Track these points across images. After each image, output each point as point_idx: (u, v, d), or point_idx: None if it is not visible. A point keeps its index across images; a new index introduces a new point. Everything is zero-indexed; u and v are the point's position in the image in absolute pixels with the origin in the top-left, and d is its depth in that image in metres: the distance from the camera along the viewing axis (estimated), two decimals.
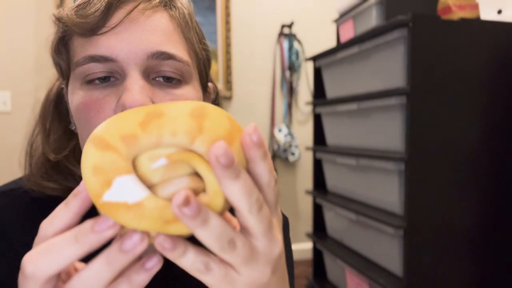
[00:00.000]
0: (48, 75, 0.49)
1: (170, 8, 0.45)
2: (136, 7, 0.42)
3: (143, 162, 0.26)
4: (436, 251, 1.30)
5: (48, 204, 0.49)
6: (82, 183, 0.27)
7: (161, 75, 0.43)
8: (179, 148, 0.26)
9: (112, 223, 0.25)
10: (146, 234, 0.26)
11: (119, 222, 0.25)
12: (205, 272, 0.27)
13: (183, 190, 0.25)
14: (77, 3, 0.44)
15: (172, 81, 0.43)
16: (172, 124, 0.26)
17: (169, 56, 0.42)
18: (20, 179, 0.51)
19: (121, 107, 0.40)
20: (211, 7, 2.49)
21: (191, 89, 0.45)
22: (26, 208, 0.49)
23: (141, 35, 0.42)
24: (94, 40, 0.42)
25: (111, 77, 0.42)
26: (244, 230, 0.28)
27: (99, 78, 0.42)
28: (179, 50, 0.44)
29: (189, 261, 0.27)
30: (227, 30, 2.51)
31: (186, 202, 0.24)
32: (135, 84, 0.40)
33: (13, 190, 0.50)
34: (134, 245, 0.25)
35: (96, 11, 0.41)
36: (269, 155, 0.29)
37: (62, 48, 0.45)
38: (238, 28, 2.57)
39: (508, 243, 1.38)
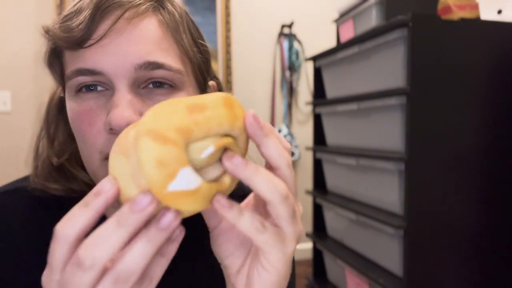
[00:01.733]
0: (48, 76, 0.49)
1: (159, 11, 0.44)
2: (121, 16, 0.41)
3: (193, 151, 0.29)
4: (436, 251, 1.30)
5: (52, 203, 0.50)
6: (104, 182, 0.29)
7: (152, 81, 0.42)
8: (219, 135, 0.30)
9: (149, 199, 0.27)
10: (178, 211, 0.29)
11: (179, 208, 0.28)
12: (262, 230, 0.30)
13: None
14: (64, 13, 0.43)
15: (163, 86, 0.42)
16: (216, 117, 0.29)
17: (158, 66, 0.41)
18: (25, 178, 0.52)
19: (108, 125, 0.40)
20: (211, 7, 2.49)
21: (185, 96, 0.44)
22: (31, 207, 0.49)
23: (127, 46, 0.40)
24: (81, 53, 0.41)
25: (99, 86, 0.42)
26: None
27: (86, 86, 0.42)
28: (169, 57, 0.42)
29: (247, 220, 0.30)
30: (227, 30, 2.51)
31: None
32: (122, 99, 0.40)
33: (18, 189, 0.50)
34: (170, 222, 0.28)
35: (80, 23, 0.40)
36: (276, 134, 0.32)
37: (55, 60, 0.45)
38: (238, 28, 2.57)
39: (508, 243, 1.38)
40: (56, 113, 0.51)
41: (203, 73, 0.49)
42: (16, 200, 0.49)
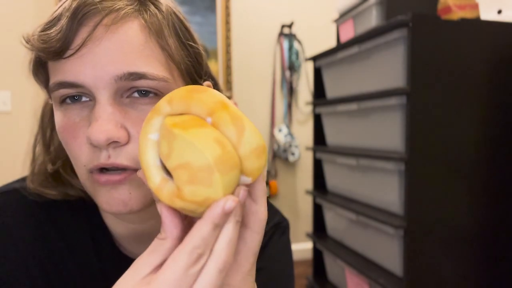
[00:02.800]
0: None
1: (141, 14, 0.41)
2: (99, 23, 0.38)
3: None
4: (436, 251, 1.30)
5: (49, 205, 0.50)
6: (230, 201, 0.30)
7: (136, 90, 0.40)
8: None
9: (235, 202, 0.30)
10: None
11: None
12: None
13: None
14: (44, 21, 0.41)
15: (148, 95, 0.40)
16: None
17: (139, 76, 0.39)
18: (21, 180, 0.51)
19: (88, 138, 0.39)
20: (211, 7, 2.49)
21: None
22: (30, 210, 0.49)
23: (105, 56, 0.38)
24: (62, 65, 0.39)
25: (83, 96, 0.41)
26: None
27: (70, 97, 0.41)
28: (152, 65, 0.40)
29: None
30: (227, 30, 2.51)
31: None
32: (102, 112, 0.38)
33: (16, 190, 0.50)
34: (235, 205, 0.30)
35: (58, 33, 0.38)
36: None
37: (39, 69, 0.43)
38: (238, 28, 2.57)
39: (508, 243, 1.38)
40: (51, 119, 0.51)
41: (193, 77, 0.46)
42: (13, 201, 0.49)
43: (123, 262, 0.51)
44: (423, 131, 1.27)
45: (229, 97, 2.53)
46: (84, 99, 0.41)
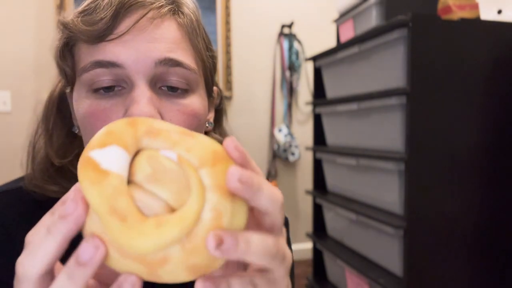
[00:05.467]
0: (48, 75, 0.49)
1: (178, 15, 0.45)
2: (145, 15, 0.42)
3: None
4: (436, 251, 1.30)
5: (50, 203, 0.49)
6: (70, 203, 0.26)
7: (167, 85, 0.43)
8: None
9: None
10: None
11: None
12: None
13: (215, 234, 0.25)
14: (82, 8, 0.44)
15: (177, 91, 0.43)
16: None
17: (176, 63, 0.42)
18: (21, 178, 0.51)
19: None
20: (211, 7, 2.49)
21: (197, 98, 0.45)
22: (28, 209, 0.49)
23: (149, 43, 0.41)
24: (101, 47, 0.41)
25: (116, 86, 0.42)
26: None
27: (104, 88, 0.42)
28: (186, 57, 0.43)
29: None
30: (227, 30, 2.51)
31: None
32: (142, 96, 0.40)
33: (15, 190, 0.50)
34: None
35: (103, 17, 0.41)
36: (264, 184, 0.27)
37: (67, 54, 0.45)
38: (238, 28, 2.57)
39: (508, 243, 1.38)
40: (56, 111, 0.51)
41: (212, 78, 0.50)
42: (13, 200, 0.49)
43: None
44: (423, 131, 1.27)
45: (229, 97, 2.54)
46: (116, 89, 0.42)
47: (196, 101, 0.45)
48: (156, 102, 0.41)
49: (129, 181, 0.26)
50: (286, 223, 0.59)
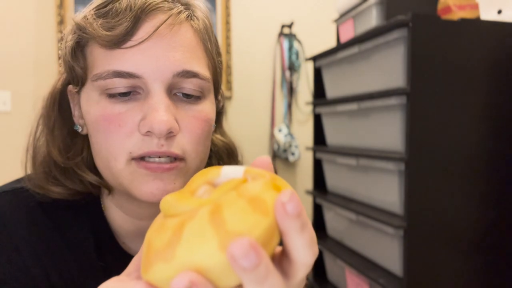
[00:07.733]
0: (48, 75, 0.48)
1: (193, 19, 0.45)
2: (165, 21, 0.41)
3: None
4: (436, 251, 1.30)
5: (50, 205, 0.49)
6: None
7: (182, 92, 0.43)
8: None
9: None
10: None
11: None
12: None
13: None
14: (96, 6, 0.43)
15: (190, 98, 0.44)
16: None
17: (193, 75, 0.43)
18: (22, 179, 0.51)
19: (148, 127, 0.40)
20: (211, 7, 2.49)
21: (209, 103, 0.47)
22: (30, 209, 0.48)
23: (168, 51, 0.41)
24: (119, 54, 0.41)
25: (131, 92, 0.42)
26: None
27: (120, 94, 0.42)
28: (201, 67, 0.44)
29: None
30: (227, 30, 2.51)
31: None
32: (161, 103, 0.41)
33: (16, 190, 0.49)
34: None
35: (123, 23, 0.40)
36: (309, 226, 0.25)
37: (79, 54, 0.44)
38: (238, 28, 2.57)
39: (509, 243, 1.38)
40: (57, 109, 0.50)
41: (220, 82, 0.52)
42: (13, 200, 0.48)
43: (124, 258, 0.51)
44: (423, 131, 1.27)
45: (229, 97, 2.54)
46: (131, 93, 0.42)
47: (208, 107, 0.46)
48: (172, 109, 0.42)
49: None
50: None
